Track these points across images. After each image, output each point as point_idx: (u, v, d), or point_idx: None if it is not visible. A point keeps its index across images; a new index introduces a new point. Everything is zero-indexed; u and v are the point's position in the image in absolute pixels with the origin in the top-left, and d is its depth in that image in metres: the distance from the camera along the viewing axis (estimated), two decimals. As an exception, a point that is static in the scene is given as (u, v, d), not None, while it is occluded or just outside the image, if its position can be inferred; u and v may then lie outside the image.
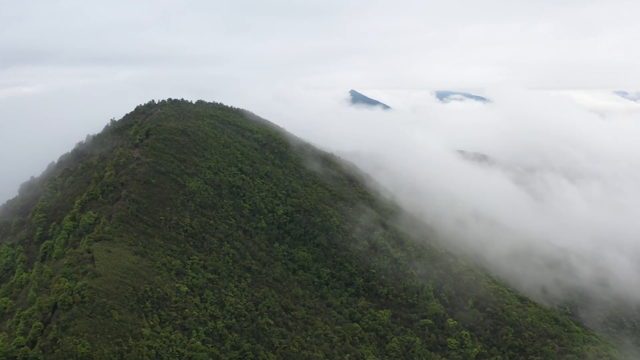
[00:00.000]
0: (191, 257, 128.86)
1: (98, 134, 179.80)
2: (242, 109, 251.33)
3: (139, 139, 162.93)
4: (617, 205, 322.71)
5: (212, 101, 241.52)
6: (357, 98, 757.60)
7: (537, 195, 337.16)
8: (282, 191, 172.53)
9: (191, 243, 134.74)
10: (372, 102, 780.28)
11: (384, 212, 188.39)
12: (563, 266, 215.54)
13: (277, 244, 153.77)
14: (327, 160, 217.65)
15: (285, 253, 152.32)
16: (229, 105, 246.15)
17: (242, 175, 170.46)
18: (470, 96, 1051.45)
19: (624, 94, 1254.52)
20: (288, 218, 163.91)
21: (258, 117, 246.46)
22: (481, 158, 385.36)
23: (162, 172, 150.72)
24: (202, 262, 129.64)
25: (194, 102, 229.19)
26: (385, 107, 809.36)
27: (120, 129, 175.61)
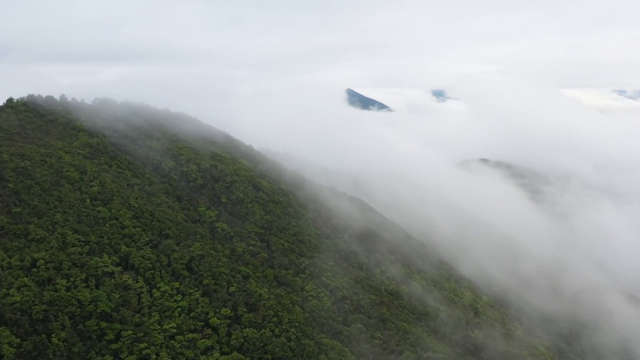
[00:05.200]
0: None
1: None
2: (186, 115, 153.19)
3: None
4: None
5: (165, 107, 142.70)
6: (354, 97, 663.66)
7: (561, 216, 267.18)
8: (225, 310, 74.33)
9: None
10: (369, 102, 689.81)
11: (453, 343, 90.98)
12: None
13: None
14: (330, 210, 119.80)
15: None
16: (162, 108, 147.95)
17: (126, 277, 71.78)
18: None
19: (621, 92, 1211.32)
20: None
21: (212, 129, 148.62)
22: (492, 166, 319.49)
23: None
24: None
25: (90, 102, 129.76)
26: (382, 106, 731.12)
27: None
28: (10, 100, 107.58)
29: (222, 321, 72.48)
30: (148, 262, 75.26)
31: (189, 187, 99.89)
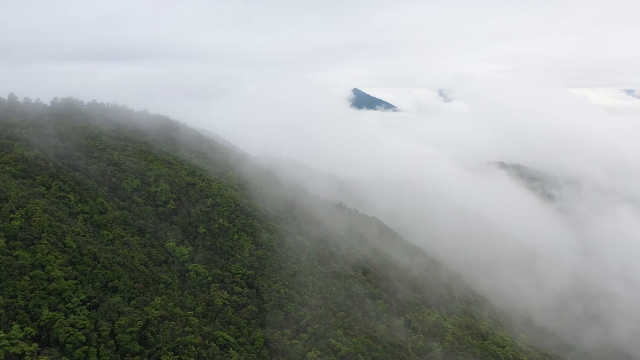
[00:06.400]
0: None
1: None
2: (167, 118, 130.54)
3: None
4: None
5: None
6: (360, 97, 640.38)
7: (578, 224, 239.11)
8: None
9: None
10: (375, 102, 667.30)
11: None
12: None
13: None
14: (340, 237, 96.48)
15: None
16: (140, 110, 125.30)
17: (44, 359, 49.14)
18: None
19: (630, 91, 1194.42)
20: None
21: (199, 135, 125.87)
22: (501, 167, 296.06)
23: None
24: None
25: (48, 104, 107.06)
26: (389, 105, 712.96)
27: None
28: None
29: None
30: (80, 333, 52.28)
31: (156, 214, 76.92)
